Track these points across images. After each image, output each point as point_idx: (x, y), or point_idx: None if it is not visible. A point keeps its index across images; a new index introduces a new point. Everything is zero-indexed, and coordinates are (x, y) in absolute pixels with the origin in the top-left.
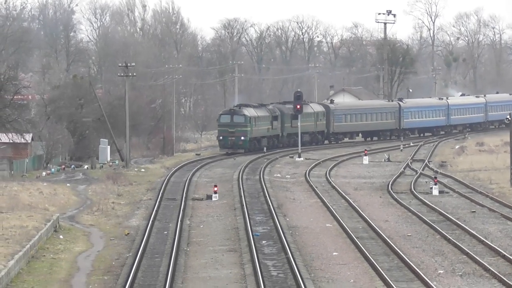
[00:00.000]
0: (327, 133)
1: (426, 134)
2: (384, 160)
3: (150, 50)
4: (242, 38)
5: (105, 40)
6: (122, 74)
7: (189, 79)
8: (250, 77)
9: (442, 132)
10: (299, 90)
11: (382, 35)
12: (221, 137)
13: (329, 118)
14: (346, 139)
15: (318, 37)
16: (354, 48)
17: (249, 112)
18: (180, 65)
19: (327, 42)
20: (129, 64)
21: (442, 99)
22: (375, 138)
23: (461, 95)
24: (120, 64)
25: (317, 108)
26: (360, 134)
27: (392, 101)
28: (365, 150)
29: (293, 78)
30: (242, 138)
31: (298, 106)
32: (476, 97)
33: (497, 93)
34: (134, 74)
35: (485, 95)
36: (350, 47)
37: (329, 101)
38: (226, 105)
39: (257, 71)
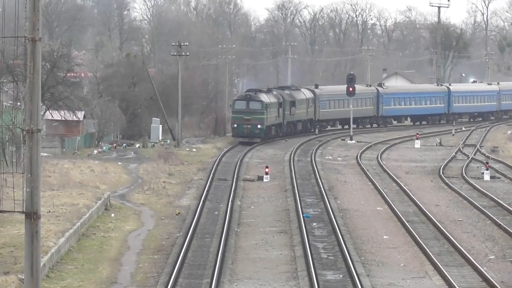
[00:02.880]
0: (313, 121)
1: (422, 122)
2: (436, 144)
3: (204, 30)
4: (295, 20)
5: (159, 19)
6: (175, 54)
7: (242, 59)
8: (303, 59)
9: (443, 121)
10: (352, 72)
11: (436, 19)
12: (235, 125)
13: (315, 105)
14: (329, 127)
15: (371, 19)
16: (408, 31)
17: (264, 98)
18: (234, 46)
19: (380, 25)
20: (182, 44)
21: (442, 85)
22: (353, 126)
23: (472, 82)
24: (173, 44)
25: (308, 94)
26: (338, 122)
27: (370, 86)
28: (417, 134)
29: (346, 60)
30: (259, 126)
31: (351, 89)
32: (489, 84)
33: None
34: (187, 53)
35: (498, 83)
36: (403, 31)
37: (314, 86)
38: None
39: (310, 53)
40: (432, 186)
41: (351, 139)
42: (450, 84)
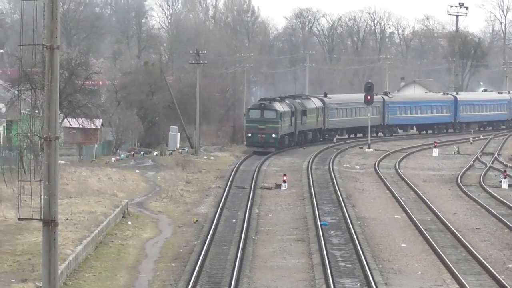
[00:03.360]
0: (323, 130)
1: (428, 131)
2: (454, 152)
3: (222, 38)
4: (313, 28)
5: (177, 28)
6: (193, 62)
7: (260, 67)
8: (321, 67)
9: (450, 130)
10: (370, 81)
11: (454, 28)
12: (249, 134)
13: (325, 113)
14: (337, 137)
15: (389, 28)
16: (426, 40)
17: (279, 107)
18: (251, 54)
19: (398, 34)
20: (200, 52)
21: (448, 94)
22: (359, 135)
23: (483, 91)
24: (191, 52)
25: (318, 103)
26: (344, 131)
27: (376, 94)
28: (435, 142)
29: (364, 69)
30: (273, 135)
31: (369, 97)
32: (499, 93)
33: None
34: (205, 61)
35: (509, 92)
36: (421, 39)
37: (322, 95)
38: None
39: (328, 62)
40: (450, 195)
41: (368, 147)
42: (457, 93)
